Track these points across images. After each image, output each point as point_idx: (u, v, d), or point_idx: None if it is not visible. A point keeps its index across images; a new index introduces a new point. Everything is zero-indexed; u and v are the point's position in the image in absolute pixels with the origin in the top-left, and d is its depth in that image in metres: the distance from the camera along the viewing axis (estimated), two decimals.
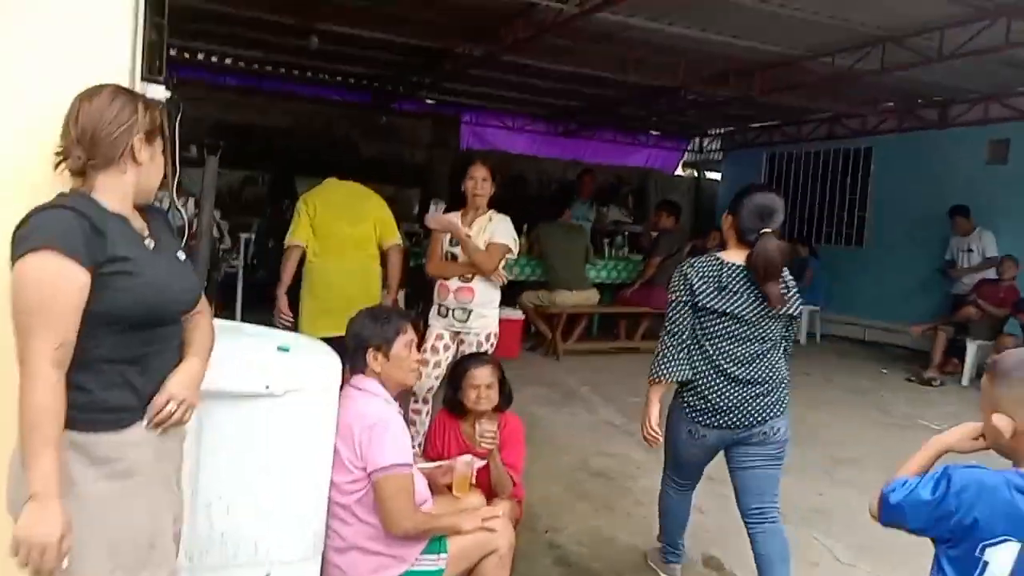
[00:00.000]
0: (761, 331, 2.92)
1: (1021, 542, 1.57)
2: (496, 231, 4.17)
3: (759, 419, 2.92)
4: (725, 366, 2.90)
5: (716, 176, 13.55)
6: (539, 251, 7.59)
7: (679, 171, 13.78)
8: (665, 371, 2.95)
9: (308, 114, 10.98)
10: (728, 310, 2.89)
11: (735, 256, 2.95)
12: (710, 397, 2.91)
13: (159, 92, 3.06)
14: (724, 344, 2.91)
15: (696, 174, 14.03)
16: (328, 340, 2.91)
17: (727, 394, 2.90)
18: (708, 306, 2.90)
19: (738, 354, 2.91)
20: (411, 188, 11.50)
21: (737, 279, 2.90)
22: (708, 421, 2.93)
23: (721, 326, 2.91)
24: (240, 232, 8.49)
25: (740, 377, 2.90)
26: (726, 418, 2.90)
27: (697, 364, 2.94)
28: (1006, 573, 1.59)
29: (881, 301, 9.89)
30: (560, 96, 10.64)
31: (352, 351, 2.72)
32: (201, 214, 3.69)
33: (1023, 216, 8.38)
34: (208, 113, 10.38)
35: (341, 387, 2.52)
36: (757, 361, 2.93)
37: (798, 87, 8.28)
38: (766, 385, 2.92)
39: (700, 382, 2.93)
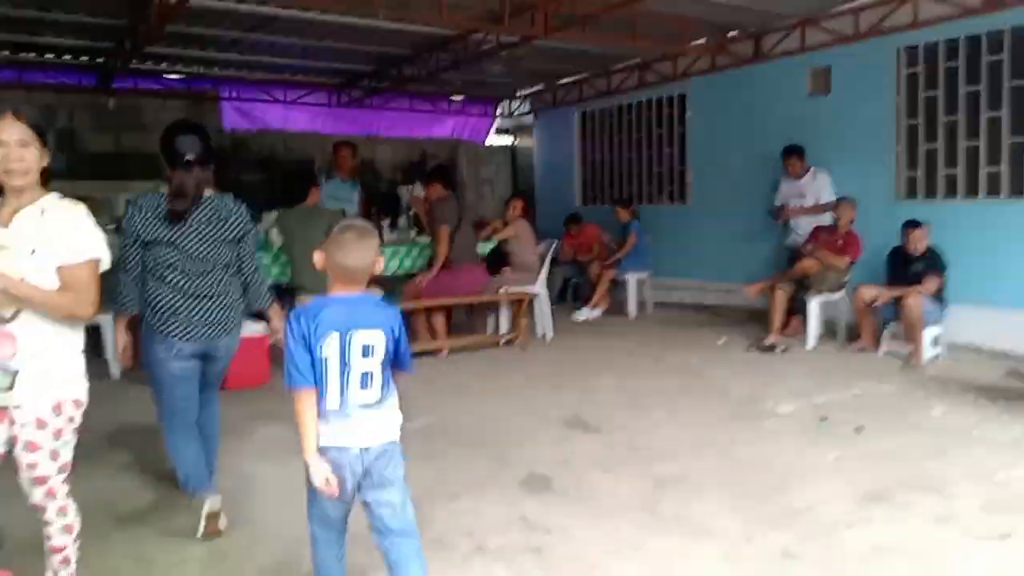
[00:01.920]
0: (207, 253, 3.30)
1: (338, 332, 2.30)
2: (65, 239, 2.40)
3: (221, 331, 3.34)
4: (182, 284, 3.27)
5: (531, 141, 12.23)
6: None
7: (492, 139, 12.39)
8: (125, 305, 3.32)
9: (15, 103, 8.73)
10: (170, 239, 3.23)
11: None
12: (175, 314, 3.25)
13: None
14: (177, 266, 3.26)
15: (512, 140, 12.69)
16: None
17: (188, 309, 3.27)
18: (155, 238, 3.23)
19: (190, 272, 3.28)
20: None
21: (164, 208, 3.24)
22: (178, 332, 3.25)
23: (169, 252, 3.24)
24: None
25: (195, 293, 3.28)
26: (190, 330, 3.26)
27: (160, 289, 3.27)
28: (337, 354, 2.29)
29: (713, 260, 8.87)
30: (335, 58, 8.96)
31: None
32: None
33: (853, 151, 7.47)
34: None
35: None
36: (207, 278, 3.31)
37: (590, 19, 6.99)
38: (220, 299, 3.34)
39: (164, 304, 3.26)
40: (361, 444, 2.33)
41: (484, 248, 7.06)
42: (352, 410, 2.32)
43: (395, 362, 2.43)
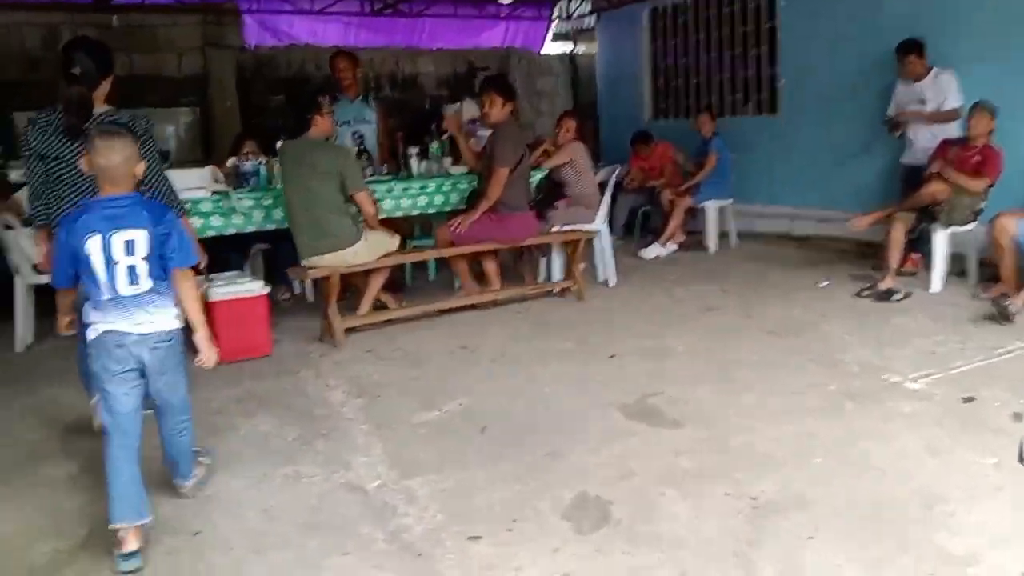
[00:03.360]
0: None
1: (99, 233, 2.52)
2: None
3: None
4: (74, 199, 3.32)
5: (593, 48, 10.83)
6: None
7: (549, 47, 11.04)
8: (36, 217, 3.48)
9: (14, 26, 7.89)
10: (59, 154, 3.37)
11: None
12: None
13: None
14: (70, 182, 3.37)
15: (572, 48, 11.31)
16: None
17: None
18: (48, 153, 3.38)
19: (83, 189, 3.31)
20: (184, 107, 8.59)
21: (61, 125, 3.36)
22: None
23: (62, 168, 3.37)
24: None
25: None
26: None
27: (56, 205, 3.40)
28: (99, 253, 2.51)
29: (808, 183, 7.52)
30: None
31: None
32: None
33: (991, 45, 5.97)
34: None
35: None
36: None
37: None
38: None
39: (59, 217, 3.31)
40: (139, 331, 2.59)
41: (533, 177, 5.87)
42: (124, 300, 2.57)
43: (171, 259, 2.64)
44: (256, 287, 4.52)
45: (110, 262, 2.53)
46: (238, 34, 8.71)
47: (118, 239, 2.53)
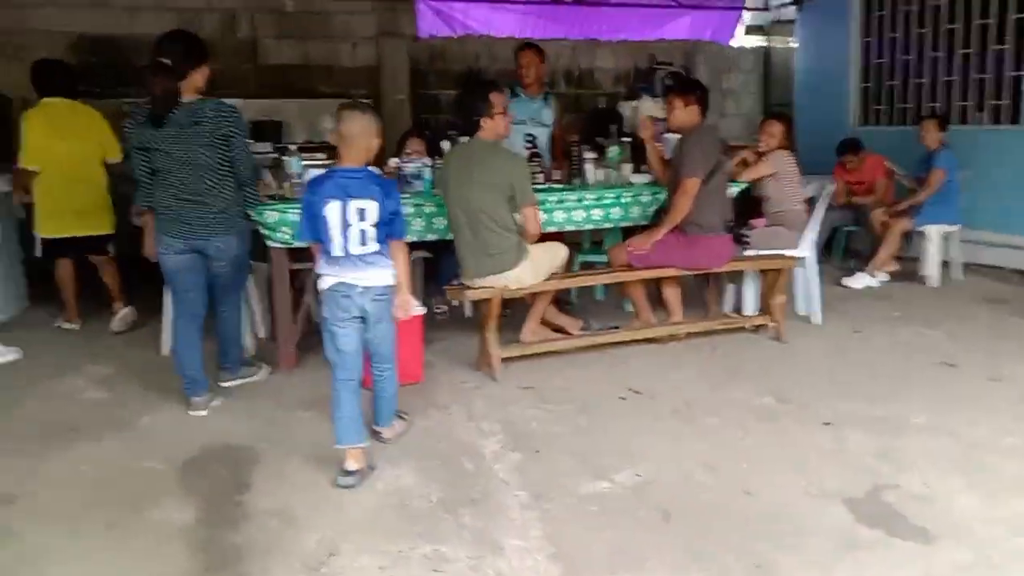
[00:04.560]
0: (186, 156, 3.56)
1: (338, 200, 2.97)
2: None
3: (208, 232, 3.65)
4: (172, 186, 3.60)
5: (791, 42, 9.71)
6: None
7: (740, 40, 10.01)
8: (144, 201, 3.72)
9: (195, 13, 7.86)
10: (155, 145, 3.55)
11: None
12: (166, 214, 3.64)
13: None
14: (168, 168, 3.58)
15: (766, 41, 10.23)
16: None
17: (176, 210, 3.62)
18: (144, 144, 3.58)
19: (178, 174, 3.58)
20: (355, 96, 8.33)
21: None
22: (168, 231, 3.64)
23: (158, 156, 3.57)
24: None
25: (183, 195, 3.61)
26: (179, 229, 3.63)
27: (156, 190, 3.65)
28: (337, 216, 2.98)
29: None
30: None
31: None
32: None
33: None
34: (61, 24, 7.55)
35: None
36: (194, 181, 3.60)
37: None
38: (207, 202, 3.63)
39: (158, 204, 3.65)
40: (363, 283, 3.06)
41: (730, 190, 5.02)
42: (354, 258, 3.03)
43: (390, 230, 3.08)
44: (414, 304, 3.99)
45: (346, 225, 2.98)
46: (412, 23, 8.34)
47: (353, 206, 2.97)
